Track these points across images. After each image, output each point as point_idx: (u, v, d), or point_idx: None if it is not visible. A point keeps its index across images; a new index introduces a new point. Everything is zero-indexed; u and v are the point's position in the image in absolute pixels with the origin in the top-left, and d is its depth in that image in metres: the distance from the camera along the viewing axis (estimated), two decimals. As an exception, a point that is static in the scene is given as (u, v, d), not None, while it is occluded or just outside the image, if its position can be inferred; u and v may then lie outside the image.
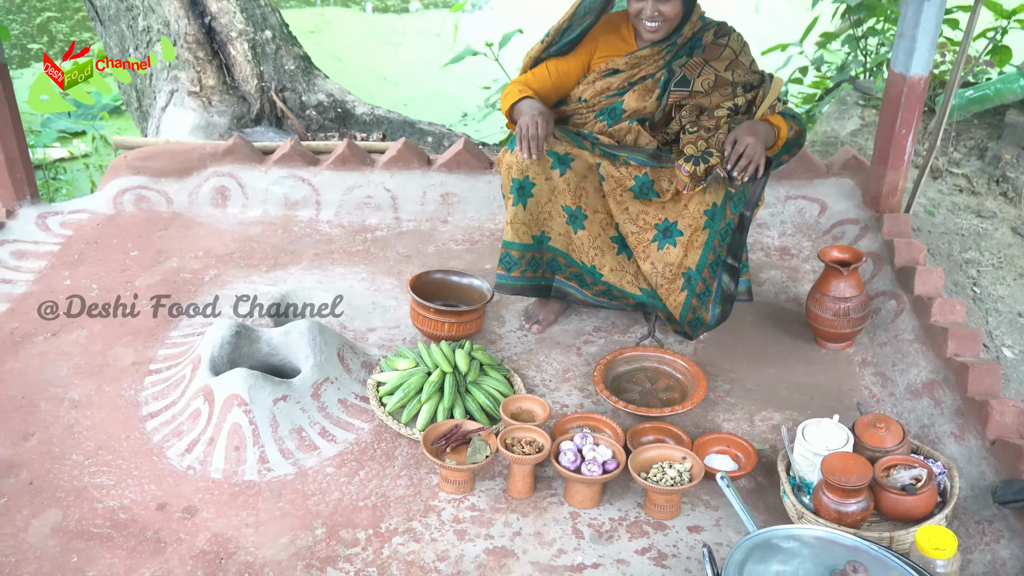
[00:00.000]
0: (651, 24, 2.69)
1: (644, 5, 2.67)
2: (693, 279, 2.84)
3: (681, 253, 2.83)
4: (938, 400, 2.66)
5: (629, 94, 2.83)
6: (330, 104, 4.72)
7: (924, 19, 3.10)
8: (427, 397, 2.63)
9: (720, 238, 2.79)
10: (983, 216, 3.93)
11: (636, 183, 2.80)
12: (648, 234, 2.85)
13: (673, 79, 2.80)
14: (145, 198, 3.75)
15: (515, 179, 2.80)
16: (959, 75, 3.27)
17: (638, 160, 2.79)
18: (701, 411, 2.74)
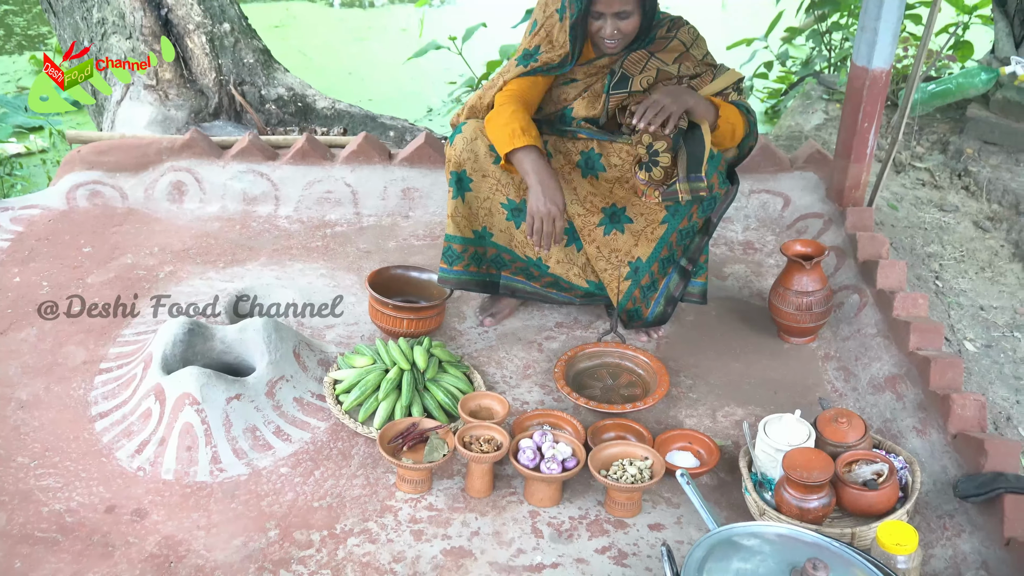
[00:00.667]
0: (610, 42, 2.60)
1: (603, 24, 2.57)
2: (640, 270, 2.81)
3: (631, 242, 2.79)
4: (900, 394, 2.65)
5: (578, 101, 2.74)
6: (290, 98, 4.65)
7: (885, 12, 3.09)
8: (384, 395, 2.58)
9: (679, 236, 2.76)
10: (945, 210, 3.93)
11: (582, 157, 2.75)
12: (594, 217, 2.81)
13: (612, 79, 2.69)
14: (99, 193, 3.67)
15: (453, 172, 2.75)
16: (920, 69, 3.26)
17: (587, 133, 2.72)
18: (663, 407, 2.71)
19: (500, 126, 2.58)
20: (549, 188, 2.52)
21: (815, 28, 5.50)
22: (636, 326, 2.96)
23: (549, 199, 2.52)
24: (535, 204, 2.53)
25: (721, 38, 5.72)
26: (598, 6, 2.55)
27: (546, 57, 2.67)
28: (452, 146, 2.74)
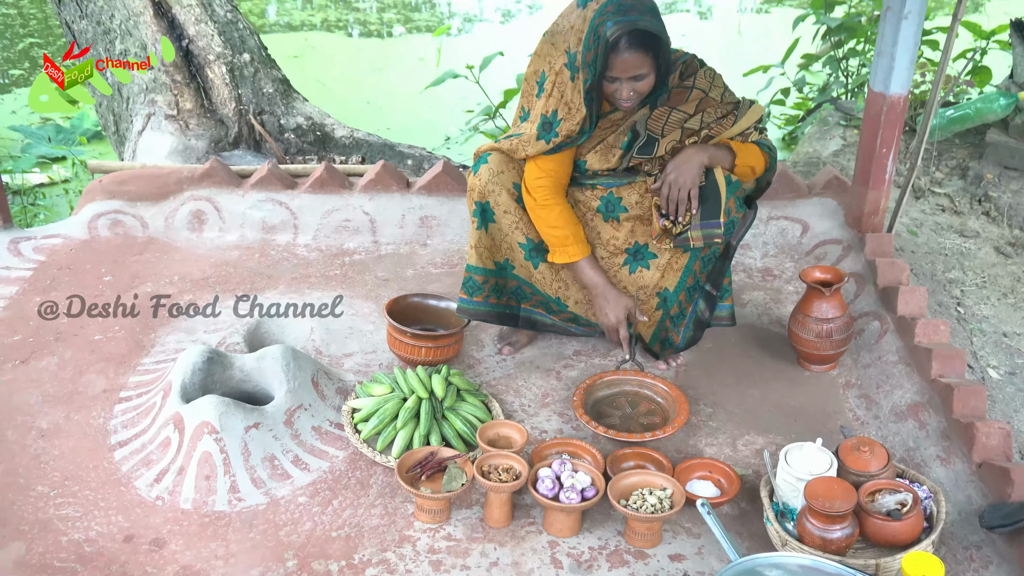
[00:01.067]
0: (627, 103, 2.55)
1: (619, 87, 2.51)
2: (669, 300, 2.81)
3: (657, 275, 2.80)
4: (923, 422, 2.62)
5: (591, 154, 2.71)
6: (309, 127, 4.69)
7: (902, 38, 3.09)
8: (403, 424, 2.58)
9: (702, 263, 2.76)
10: (966, 235, 3.91)
11: (602, 203, 2.76)
12: (619, 258, 2.82)
13: (637, 141, 2.65)
14: (120, 222, 3.70)
15: (477, 202, 2.75)
16: (939, 95, 3.25)
17: (604, 183, 2.74)
18: (683, 436, 2.69)
19: (550, 226, 2.71)
20: (613, 298, 2.77)
21: (832, 55, 5.49)
22: (668, 354, 2.95)
23: (612, 310, 2.77)
24: (605, 319, 2.79)
25: (738, 65, 5.73)
26: (613, 71, 2.48)
27: (566, 129, 2.60)
28: (477, 175, 2.73)
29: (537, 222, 2.73)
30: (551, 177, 2.69)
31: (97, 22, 4.58)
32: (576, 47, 2.50)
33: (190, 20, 4.48)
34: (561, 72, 2.57)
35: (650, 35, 2.43)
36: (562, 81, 2.58)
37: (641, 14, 2.43)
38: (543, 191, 2.69)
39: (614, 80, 2.50)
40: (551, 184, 2.69)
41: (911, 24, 3.08)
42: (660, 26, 2.47)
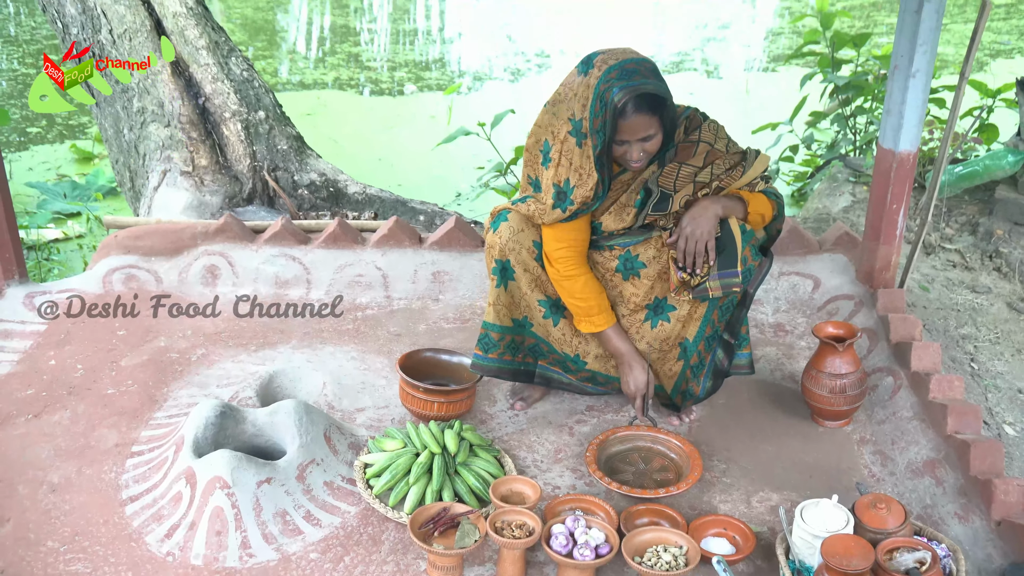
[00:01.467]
0: (637, 164, 2.59)
1: (629, 149, 2.55)
2: (689, 350, 2.81)
3: (678, 327, 2.80)
4: (940, 479, 2.59)
5: (605, 216, 2.73)
6: (322, 183, 4.74)
7: (910, 96, 3.13)
8: (415, 479, 2.56)
9: (720, 312, 2.77)
10: (978, 291, 3.91)
11: (620, 262, 2.78)
12: (639, 315, 2.83)
13: (651, 199, 2.67)
14: (135, 277, 3.73)
15: (497, 260, 2.76)
16: (947, 152, 3.28)
17: (620, 243, 2.76)
18: (697, 492, 2.67)
19: (576, 297, 2.75)
20: (637, 365, 2.81)
21: (839, 112, 5.55)
22: (688, 405, 2.95)
23: (637, 379, 2.82)
24: (627, 385, 2.84)
25: (746, 122, 5.80)
26: (622, 135, 2.51)
27: (581, 195, 2.61)
28: (497, 233, 2.74)
29: (562, 292, 2.75)
30: (572, 246, 2.71)
31: (115, 81, 4.66)
32: (581, 113, 2.52)
33: (207, 78, 4.56)
34: (566, 140, 2.59)
35: (656, 97, 2.47)
36: (568, 149, 2.59)
37: (645, 78, 2.46)
38: (566, 261, 2.71)
39: (623, 143, 2.53)
40: (573, 253, 2.72)
41: (919, 82, 3.12)
42: (664, 88, 2.50)
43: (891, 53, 3.22)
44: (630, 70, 2.46)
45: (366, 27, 10.47)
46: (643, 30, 10.05)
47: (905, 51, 3.10)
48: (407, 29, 10.47)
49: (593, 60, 2.52)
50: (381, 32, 10.31)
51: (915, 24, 3.05)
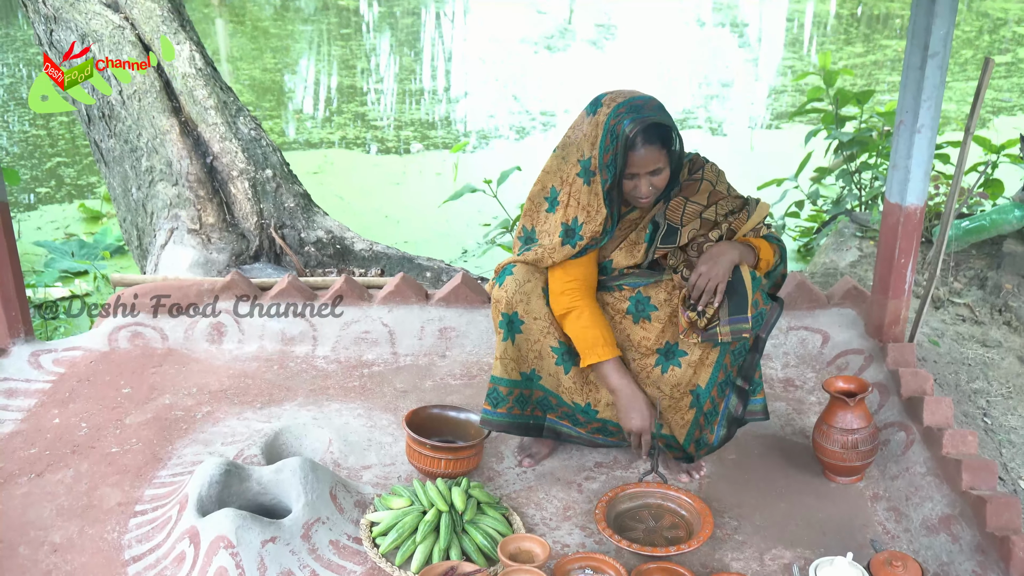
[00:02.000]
0: (645, 200, 2.65)
1: (638, 183, 2.61)
2: (702, 397, 2.78)
3: (689, 372, 2.78)
4: (956, 536, 2.55)
5: (616, 252, 2.77)
6: (329, 240, 4.76)
7: (916, 150, 3.14)
8: (422, 538, 2.52)
9: (732, 357, 2.75)
10: (988, 345, 3.88)
11: (631, 303, 2.77)
12: (650, 359, 2.80)
13: (659, 232, 2.73)
14: (140, 335, 3.72)
15: (504, 313, 2.75)
16: (953, 206, 3.28)
17: (631, 283, 2.77)
18: (708, 550, 2.62)
19: (581, 329, 2.72)
20: (637, 403, 2.74)
21: (844, 168, 5.57)
22: (703, 454, 2.90)
23: (638, 415, 2.73)
24: (628, 422, 2.75)
25: (751, 179, 5.82)
26: (632, 168, 2.57)
27: (590, 231, 2.66)
28: (502, 287, 2.75)
29: (567, 326, 2.74)
30: (579, 281, 2.73)
31: (125, 140, 4.70)
32: (591, 152, 2.60)
33: (215, 138, 4.60)
34: (574, 182, 2.66)
35: (664, 129, 2.56)
36: (576, 189, 2.66)
37: (653, 111, 2.56)
38: (572, 294, 2.72)
39: (633, 176, 2.60)
40: (580, 287, 2.73)
41: (924, 137, 3.14)
42: (671, 121, 2.60)
43: (896, 109, 3.24)
44: (638, 105, 2.56)
45: (373, 87, 10.61)
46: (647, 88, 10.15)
47: (910, 106, 3.12)
48: (413, 89, 10.60)
49: (601, 100, 2.62)
50: (387, 92, 10.43)
51: (919, 80, 3.07)
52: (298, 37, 12.92)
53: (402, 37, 13.59)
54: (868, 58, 11.50)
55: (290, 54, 11.97)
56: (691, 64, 11.62)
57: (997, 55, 11.52)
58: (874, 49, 11.98)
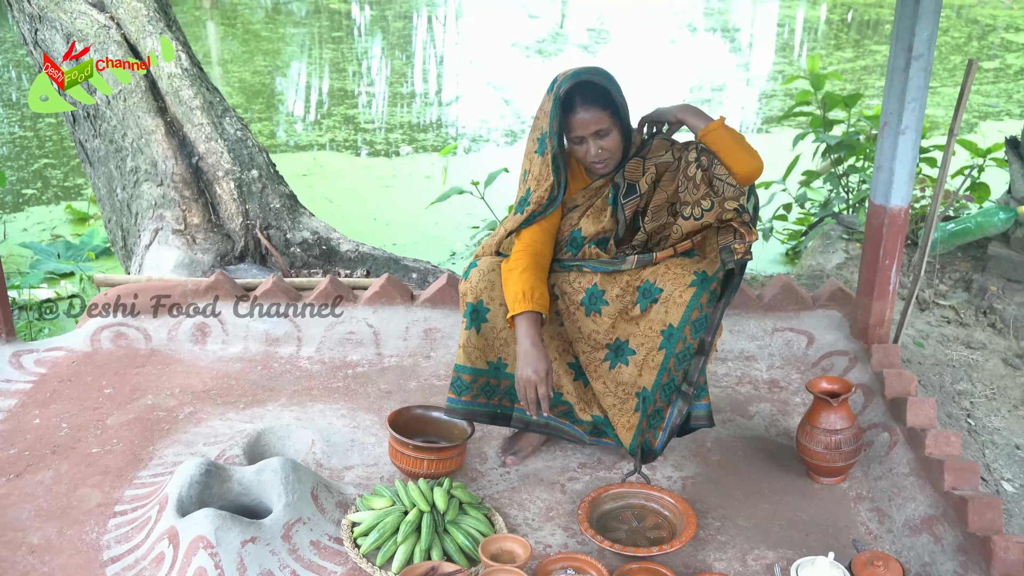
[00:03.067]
0: (599, 163, 2.73)
1: (587, 147, 2.70)
2: (647, 400, 2.78)
3: (635, 372, 2.78)
4: (938, 536, 2.54)
5: (584, 220, 2.83)
6: (315, 241, 4.74)
7: (900, 152, 3.14)
8: (403, 538, 2.51)
9: (677, 361, 2.75)
10: (973, 347, 3.89)
11: (585, 295, 2.78)
12: (600, 353, 2.82)
13: (620, 192, 2.81)
14: (124, 335, 3.70)
15: (469, 303, 2.79)
16: (938, 209, 3.28)
17: (591, 267, 2.80)
18: (691, 550, 2.61)
19: (512, 285, 2.70)
20: (532, 357, 2.61)
21: (832, 171, 5.59)
22: (648, 460, 2.88)
23: (531, 367, 2.60)
24: (518, 371, 2.64)
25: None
26: (575, 130, 2.67)
27: (536, 197, 2.76)
28: (467, 280, 2.80)
29: (505, 282, 2.73)
30: (527, 246, 2.76)
31: (110, 141, 4.68)
32: (546, 124, 2.69)
33: (200, 138, 4.58)
34: (533, 157, 2.77)
35: (601, 89, 2.64)
36: (535, 163, 2.76)
37: (591, 74, 2.65)
38: (519, 255, 2.74)
39: (581, 141, 2.69)
40: (529, 252, 2.75)
41: (908, 139, 3.14)
42: (613, 83, 2.67)
43: (881, 111, 3.25)
44: (581, 71, 2.67)
45: (364, 90, 10.59)
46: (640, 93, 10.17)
47: (894, 108, 3.13)
48: (404, 92, 10.59)
49: (556, 76, 2.71)
50: (378, 95, 10.42)
51: (903, 82, 3.08)
52: (289, 40, 12.91)
53: (393, 41, 13.59)
54: (858, 63, 11.54)
55: (281, 57, 11.96)
56: (682, 69, 11.64)
57: (985, 60, 11.58)
58: (864, 54, 12.02)
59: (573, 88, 2.64)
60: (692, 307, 2.70)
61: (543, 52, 12.57)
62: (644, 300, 2.75)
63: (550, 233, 2.82)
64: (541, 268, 2.75)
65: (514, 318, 2.67)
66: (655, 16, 15.14)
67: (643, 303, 2.75)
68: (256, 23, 14.02)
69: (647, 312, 2.75)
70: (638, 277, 2.77)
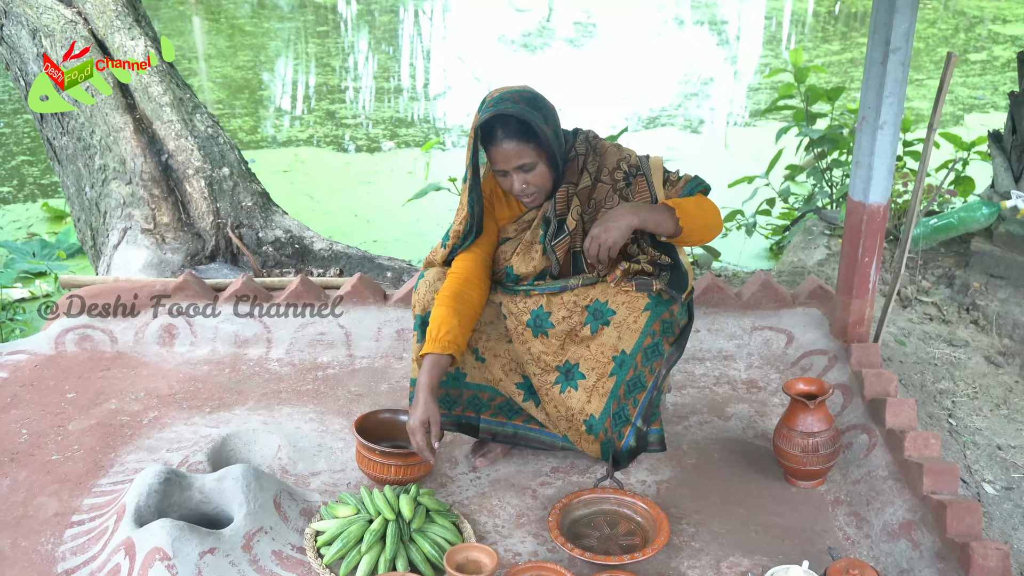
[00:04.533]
0: (527, 198, 2.62)
1: (511, 180, 2.56)
2: (595, 428, 2.71)
3: (584, 399, 2.70)
4: (916, 542, 2.48)
5: (514, 259, 2.71)
6: (287, 240, 4.66)
7: (879, 147, 3.08)
8: (367, 547, 2.44)
9: (627, 388, 2.68)
10: (955, 345, 3.83)
11: (531, 316, 2.70)
12: (550, 376, 2.74)
13: (549, 231, 2.67)
14: (89, 337, 3.61)
15: (418, 316, 2.72)
16: (919, 204, 3.22)
17: (539, 289, 2.70)
18: (664, 558, 2.55)
19: (432, 319, 2.58)
20: (420, 404, 2.53)
21: (816, 165, 5.52)
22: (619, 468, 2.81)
23: (416, 417, 2.52)
24: (410, 419, 2.55)
25: (725, 176, 5.77)
26: (497, 164, 2.53)
27: (454, 231, 2.68)
28: (416, 292, 2.74)
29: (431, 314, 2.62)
30: (456, 275, 2.64)
31: (78, 138, 4.59)
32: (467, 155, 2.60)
33: (170, 135, 4.49)
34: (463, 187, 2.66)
35: (522, 123, 2.45)
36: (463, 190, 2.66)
37: (514, 103, 2.45)
38: (444, 287, 2.63)
39: (504, 174, 2.55)
40: (454, 281, 2.63)
41: (887, 134, 3.07)
42: (533, 114, 2.46)
43: (859, 106, 3.18)
44: (502, 96, 2.48)
45: (350, 85, 10.50)
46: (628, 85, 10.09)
47: (872, 103, 3.06)
48: (389, 87, 10.49)
49: (484, 97, 2.54)
50: (363, 90, 10.33)
51: (881, 76, 3.01)
52: (274, 35, 12.79)
53: (380, 35, 13.48)
54: (845, 56, 11.47)
55: (265, 52, 11.84)
56: (670, 62, 11.56)
57: (973, 53, 11.52)
58: (851, 47, 11.95)
59: (492, 120, 2.47)
60: (645, 333, 2.62)
61: (529, 46, 12.48)
62: (595, 321, 2.66)
63: (482, 257, 2.70)
64: (461, 300, 2.60)
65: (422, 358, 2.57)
66: (642, 9, 15.05)
67: (593, 324, 2.66)
68: (241, 18, 13.88)
69: (598, 334, 2.66)
70: (586, 296, 2.67)
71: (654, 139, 8.23)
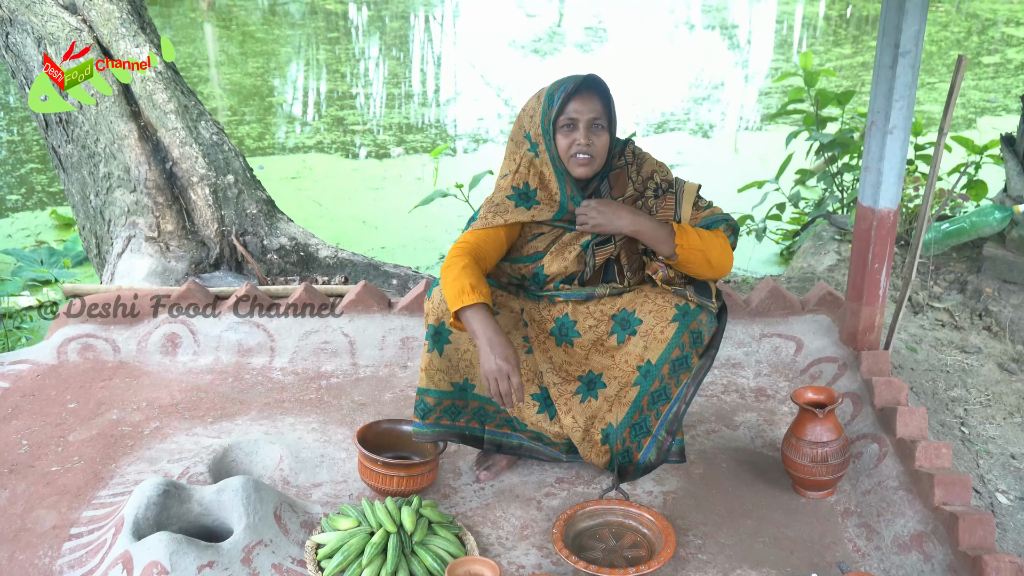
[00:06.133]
0: (583, 156, 2.55)
1: (578, 134, 2.54)
2: (611, 437, 2.66)
3: (605, 407, 2.67)
4: (928, 555, 2.43)
5: (547, 257, 2.67)
6: (292, 247, 4.62)
7: (888, 152, 3.03)
8: (368, 560, 2.41)
9: (651, 400, 2.64)
10: (967, 351, 3.77)
11: (556, 324, 2.66)
12: (571, 386, 2.69)
13: (594, 239, 2.66)
14: (92, 347, 3.59)
15: (431, 325, 2.66)
16: (929, 209, 3.17)
17: (564, 296, 2.67)
18: (670, 570, 2.50)
19: (451, 281, 2.46)
20: (497, 345, 2.39)
21: (826, 170, 5.47)
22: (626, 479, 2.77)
23: (499, 356, 2.38)
24: (485, 365, 2.41)
25: (735, 181, 5.72)
26: (569, 115, 2.54)
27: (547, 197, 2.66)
28: (430, 299, 2.67)
29: (443, 281, 2.51)
30: (471, 247, 2.57)
31: (82, 146, 4.57)
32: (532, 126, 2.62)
33: (175, 143, 4.47)
34: (525, 155, 2.65)
35: (603, 84, 2.58)
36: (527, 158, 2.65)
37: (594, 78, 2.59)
38: (456, 256, 2.54)
39: (572, 127, 2.55)
40: (468, 250, 2.56)
41: (896, 138, 3.03)
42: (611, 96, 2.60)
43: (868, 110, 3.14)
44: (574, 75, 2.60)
45: (360, 91, 10.49)
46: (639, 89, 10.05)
47: (882, 107, 3.01)
48: (399, 93, 10.48)
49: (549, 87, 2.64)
50: (373, 96, 10.32)
51: (890, 80, 2.96)
52: (285, 42, 12.80)
53: (390, 41, 13.48)
54: (856, 59, 11.40)
55: (276, 59, 11.85)
56: (680, 67, 11.52)
57: (986, 56, 11.44)
58: (862, 50, 11.88)
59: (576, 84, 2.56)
60: (674, 345, 2.58)
61: (540, 51, 12.45)
62: (622, 331, 2.63)
63: (497, 245, 2.64)
64: (482, 269, 2.54)
65: (463, 314, 2.43)
66: (652, 14, 15.01)
67: (620, 334, 2.63)
68: (252, 25, 13.91)
69: (624, 344, 2.64)
70: (613, 305, 2.66)
71: (664, 143, 8.18)
